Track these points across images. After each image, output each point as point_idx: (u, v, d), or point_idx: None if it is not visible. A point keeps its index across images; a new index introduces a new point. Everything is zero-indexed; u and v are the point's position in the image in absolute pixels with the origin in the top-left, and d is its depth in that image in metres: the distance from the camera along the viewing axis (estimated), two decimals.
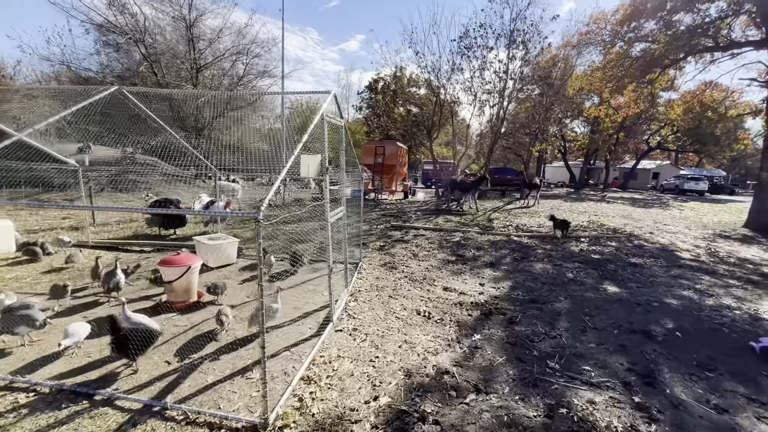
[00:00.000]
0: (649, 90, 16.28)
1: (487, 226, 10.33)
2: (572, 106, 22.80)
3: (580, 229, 10.46)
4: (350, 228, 8.30)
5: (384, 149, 18.16)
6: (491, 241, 8.20)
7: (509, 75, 14.68)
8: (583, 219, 12.69)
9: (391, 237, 8.27)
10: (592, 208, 16.36)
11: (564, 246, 8.05)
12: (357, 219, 7.08)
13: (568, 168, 40.10)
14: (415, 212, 13.00)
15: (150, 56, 15.96)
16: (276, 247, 7.02)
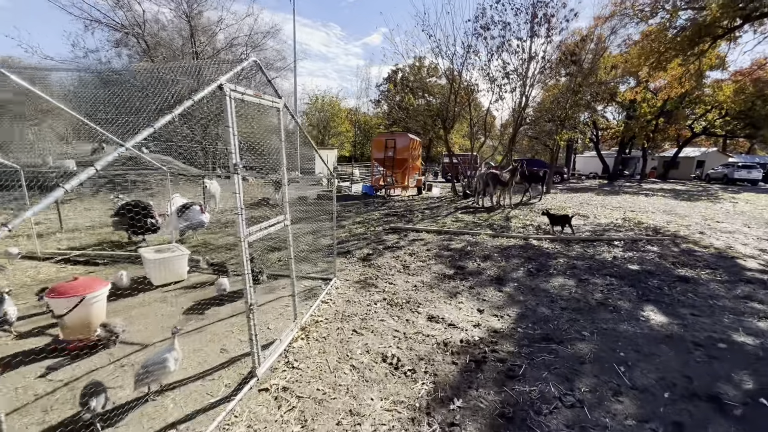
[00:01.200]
0: (696, 66, 14.17)
1: (502, 227, 8.99)
2: (604, 90, 20.67)
3: (613, 229, 8.94)
4: (324, 238, 7.24)
5: (395, 142, 16.95)
6: (503, 247, 6.91)
7: (531, 54, 13.06)
8: (616, 216, 11.07)
9: (383, 243, 7.15)
10: (627, 202, 14.55)
11: (590, 251, 6.66)
12: (334, 224, 5.98)
13: (600, 158, 37.41)
14: (425, 210, 11.79)
15: (149, 50, 15.46)
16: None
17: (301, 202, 13.22)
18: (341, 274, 5.30)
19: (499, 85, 14.77)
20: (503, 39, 13.19)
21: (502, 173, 12.57)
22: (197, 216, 6.65)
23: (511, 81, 14.11)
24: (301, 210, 10.78)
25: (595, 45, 15.95)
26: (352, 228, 8.54)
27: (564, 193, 18.71)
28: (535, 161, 31.21)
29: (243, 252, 2.67)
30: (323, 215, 10.30)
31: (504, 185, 12.59)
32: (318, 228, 8.52)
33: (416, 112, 27.04)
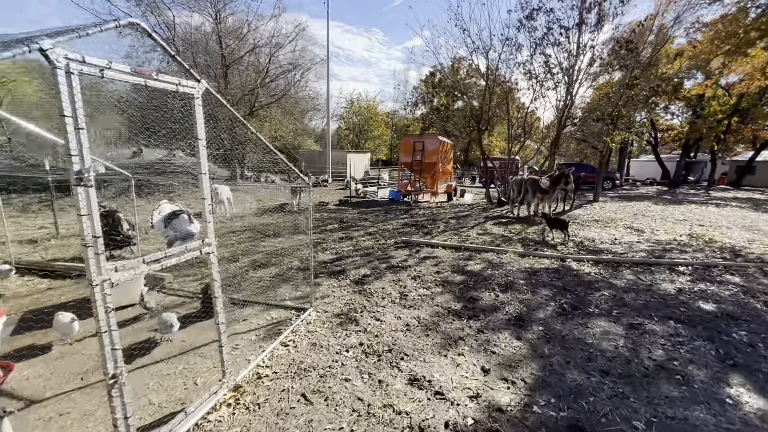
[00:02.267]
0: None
1: (535, 242, 7.66)
2: (666, 85, 18.21)
3: (676, 249, 7.31)
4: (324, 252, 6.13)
5: (423, 145, 15.88)
6: (532, 270, 5.65)
7: (578, 45, 11.45)
8: (680, 231, 9.27)
9: (388, 260, 6.15)
10: (694, 214, 12.42)
11: (645, 280, 5.23)
12: (310, 241, 5.11)
13: (659, 162, 33.83)
14: (450, 220, 10.63)
15: (179, 54, 15.58)
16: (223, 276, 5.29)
17: (295, 210, 12.55)
18: (323, 302, 4.38)
19: (541, 82, 13.23)
20: (547, 29, 11.70)
21: (541, 179, 11.10)
22: (184, 226, 6.03)
23: (554, 77, 12.56)
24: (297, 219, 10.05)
25: (655, 36, 13.92)
26: (360, 240, 7.62)
27: (615, 201, 16.61)
28: (582, 165, 28.69)
29: (96, 304, 1.81)
30: (335, 224, 9.48)
31: (544, 193, 11.10)
32: (322, 239, 7.70)
33: (452, 113, 25.79)
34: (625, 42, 11.13)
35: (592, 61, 11.80)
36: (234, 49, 16.60)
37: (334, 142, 55.54)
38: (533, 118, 22.71)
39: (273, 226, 8.94)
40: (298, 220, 9.82)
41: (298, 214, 11.30)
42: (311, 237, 4.11)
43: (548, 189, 10.78)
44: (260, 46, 16.50)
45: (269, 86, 17.76)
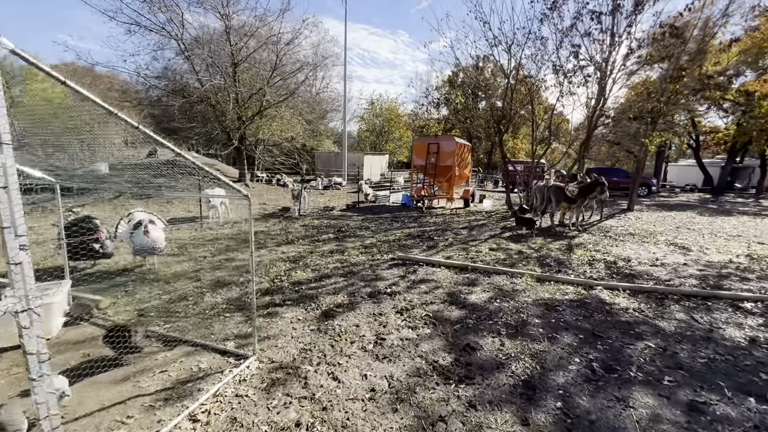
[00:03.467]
0: None
1: (558, 262, 6.46)
2: (713, 83, 16.28)
3: (734, 273, 5.95)
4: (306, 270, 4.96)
5: (438, 146, 14.76)
6: (552, 303, 4.51)
7: (613, 34, 10.06)
8: (736, 250, 7.80)
9: (375, 282, 5.14)
10: (748, 228, 10.75)
11: (701, 321, 3.99)
12: (252, 266, 4.21)
13: (701, 167, 31.18)
14: (462, 230, 9.50)
15: (187, 51, 15.19)
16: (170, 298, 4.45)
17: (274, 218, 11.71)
18: (274, 344, 3.43)
19: (569, 77, 11.88)
20: (576, 17, 10.38)
21: (568, 186, 9.81)
22: (138, 240, 5.25)
23: (584, 70, 11.20)
24: (276, 228, 9.22)
25: (700, 30, 12.24)
26: (352, 254, 6.66)
27: (653, 210, 14.92)
28: (614, 170, 26.65)
29: None
30: (330, 233, 8.57)
31: (570, 202, 9.81)
32: (309, 252, 6.78)
33: (472, 114, 24.48)
34: (669, 27, 9.67)
35: (630, 53, 10.34)
36: (242, 47, 16.06)
37: (355, 144, 55.06)
38: (561, 119, 21.13)
39: (262, 235, 8.12)
40: (292, 229, 8.98)
41: (298, 220, 10.48)
42: (253, 264, 3.17)
43: (575, 198, 9.48)
44: (267, 43, 15.85)
45: (278, 85, 17.12)
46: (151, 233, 5.21)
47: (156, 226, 5.50)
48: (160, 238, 5.38)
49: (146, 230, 5.19)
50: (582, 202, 9.66)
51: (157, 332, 3.50)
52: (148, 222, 5.30)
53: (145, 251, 5.37)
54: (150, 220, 5.54)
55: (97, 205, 11.22)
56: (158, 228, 5.52)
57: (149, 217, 5.77)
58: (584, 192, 9.48)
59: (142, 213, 5.99)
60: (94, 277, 5.02)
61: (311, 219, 10.68)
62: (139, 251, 5.40)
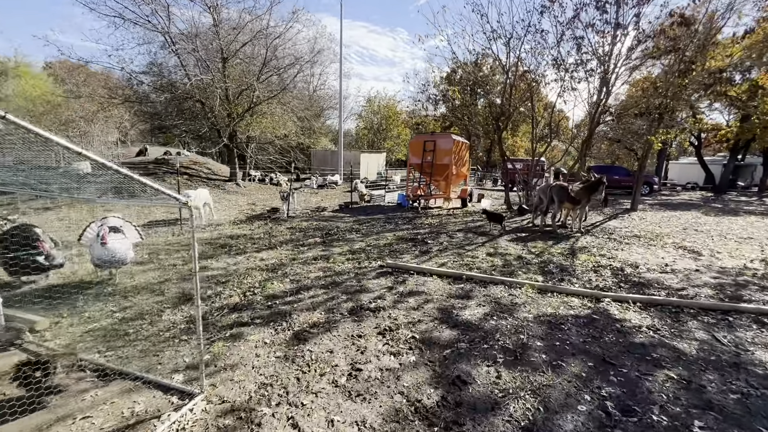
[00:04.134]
0: None
1: (561, 269, 5.96)
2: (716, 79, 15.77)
3: (752, 281, 5.46)
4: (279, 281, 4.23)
5: (435, 144, 14.22)
6: (555, 319, 4.00)
7: (617, 24, 9.54)
8: (749, 254, 7.32)
9: (359, 295, 4.62)
10: (758, 230, 10.26)
11: (725, 341, 3.49)
12: (196, 289, 3.68)
13: (703, 165, 30.77)
14: (458, 232, 8.99)
15: (174, 45, 14.61)
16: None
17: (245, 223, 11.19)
18: (229, 377, 2.90)
19: (570, 72, 11.37)
20: (580, 7, 9.84)
21: (572, 186, 9.30)
22: (97, 251, 4.67)
23: (586, 64, 10.68)
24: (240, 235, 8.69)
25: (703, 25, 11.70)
26: (338, 261, 6.14)
27: (656, 209, 14.41)
28: (615, 168, 26.17)
29: None
30: (317, 236, 8.05)
31: (574, 203, 9.31)
32: (291, 259, 6.26)
33: (470, 111, 23.96)
34: (679, 16, 9.15)
35: (637, 44, 9.81)
36: (232, 41, 15.48)
37: (353, 142, 54.51)
38: (561, 116, 20.62)
39: (243, 240, 7.59)
40: (276, 232, 8.45)
41: (285, 222, 9.96)
42: (197, 289, 2.64)
43: (579, 198, 8.98)
44: (258, 37, 15.26)
45: (269, 81, 16.55)
46: (110, 244, 4.65)
47: (119, 235, 4.91)
48: (121, 249, 4.79)
49: (103, 240, 4.63)
50: (586, 202, 9.17)
51: (93, 362, 2.99)
52: (107, 230, 4.74)
53: (105, 264, 4.80)
54: (114, 227, 4.98)
55: (34, 211, 10.62)
56: (122, 237, 4.94)
57: (116, 223, 5.20)
58: (588, 191, 8.99)
59: (118, 218, 5.39)
60: (42, 292, 4.49)
61: (300, 221, 10.16)
62: (99, 264, 4.83)
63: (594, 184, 8.90)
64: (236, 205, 13.24)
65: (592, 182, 8.97)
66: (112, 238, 4.73)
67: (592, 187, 8.92)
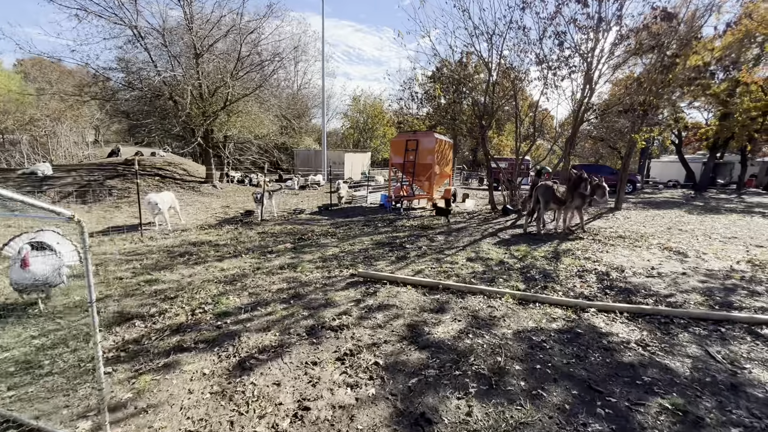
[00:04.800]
0: None
1: (545, 274, 5.61)
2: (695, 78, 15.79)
3: (740, 285, 5.22)
4: (180, 310, 3.60)
5: (417, 143, 13.83)
6: (537, 335, 3.62)
7: (600, 19, 9.29)
8: (734, 254, 7.13)
9: (321, 312, 4.16)
10: (740, 228, 10.18)
11: (719, 356, 3.17)
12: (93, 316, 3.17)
13: (683, 163, 31.21)
14: (438, 235, 8.61)
15: (143, 39, 13.85)
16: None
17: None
18: (148, 421, 2.41)
19: (554, 69, 11.10)
20: (561, 1, 9.56)
21: (557, 186, 9.01)
22: (16, 274, 3.97)
23: (569, 61, 10.43)
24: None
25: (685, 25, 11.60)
26: (306, 270, 5.67)
27: (640, 208, 14.33)
28: (598, 167, 26.26)
29: None
30: (289, 241, 7.56)
31: (560, 203, 9.04)
32: (256, 267, 5.75)
33: (455, 109, 23.68)
34: (662, 11, 8.95)
35: (620, 39, 9.58)
36: (205, 36, 14.79)
37: (339, 142, 53.88)
38: (545, 114, 20.48)
39: (206, 247, 7.05)
40: (245, 238, 7.91)
41: (258, 226, 9.42)
42: (94, 315, 2.14)
43: (565, 198, 8.70)
44: (231, 32, 14.59)
45: (245, 78, 15.89)
46: (32, 266, 3.95)
47: (47, 254, 4.15)
48: (47, 271, 4.03)
49: (24, 262, 3.93)
50: (572, 201, 8.86)
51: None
52: (29, 249, 4.04)
53: (26, 289, 4.08)
54: (40, 244, 4.23)
55: None
56: (51, 256, 4.18)
57: (50, 239, 4.44)
58: (572, 189, 8.71)
59: (55, 233, 4.68)
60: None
61: (273, 224, 9.64)
62: (18, 289, 4.08)
63: (576, 181, 8.62)
64: (209, 208, 12.62)
65: (574, 179, 8.69)
66: (37, 259, 4.02)
67: (575, 185, 8.65)
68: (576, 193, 8.62)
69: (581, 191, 8.53)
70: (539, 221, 9.04)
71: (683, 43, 10.02)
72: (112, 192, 12.42)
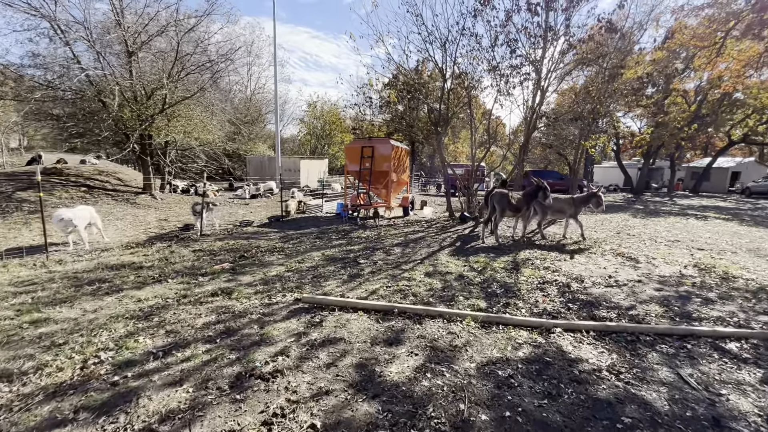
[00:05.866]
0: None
1: (506, 289, 5.27)
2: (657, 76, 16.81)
3: (693, 291, 5.19)
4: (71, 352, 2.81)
5: (373, 150, 13.36)
6: (502, 368, 3.19)
7: (547, 27, 9.43)
8: (682, 259, 7.31)
9: (254, 353, 3.47)
10: (680, 230, 10.69)
11: (694, 381, 2.91)
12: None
13: (622, 168, 33.48)
14: (395, 246, 8.13)
15: (63, 34, 12.27)
16: None
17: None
18: None
19: (504, 76, 11.15)
20: (512, 9, 9.57)
21: (512, 194, 8.87)
22: None
23: (521, 68, 10.49)
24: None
25: (622, 37, 12.23)
26: (243, 296, 4.91)
27: (588, 212, 14.84)
28: (548, 173, 27.36)
29: None
30: (229, 260, 6.70)
31: (516, 211, 8.91)
32: (182, 295, 4.90)
33: (411, 116, 23.64)
34: (606, 22, 9.23)
35: (569, 48, 9.77)
36: (139, 32, 13.43)
37: (297, 148, 52.36)
38: (498, 122, 20.94)
39: (125, 271, 6.04)
40: (177, 257, 6.94)
41: (196, 242, 8.42)
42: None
43: (520, 206, 8.57)
44: (168, 29, 13.35)
45: (186, 80, 14.63)
46: None
47: None
48: None
49: None
50: (528, 209, 8.75)
51: None
52: None
53: None
54: None
55: None
56: None
57: None
58: (529, 198, 8.61)
59: None
60: None
61: (214, 240, 8.67)
62: None
63: (534, 189, 8.53)
64: (143, 222, 11.29)
65: (533, 187, 8.60)
66: None
67: (533, 193, 8.55)
68: (535, 202, 8.52)
69: (539, 200, 8.43)
70: (496, 229, 8.85)
71: (624, 54, 10.43)
72: (22, 206, 10.73)
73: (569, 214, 8.97)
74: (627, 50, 10.44)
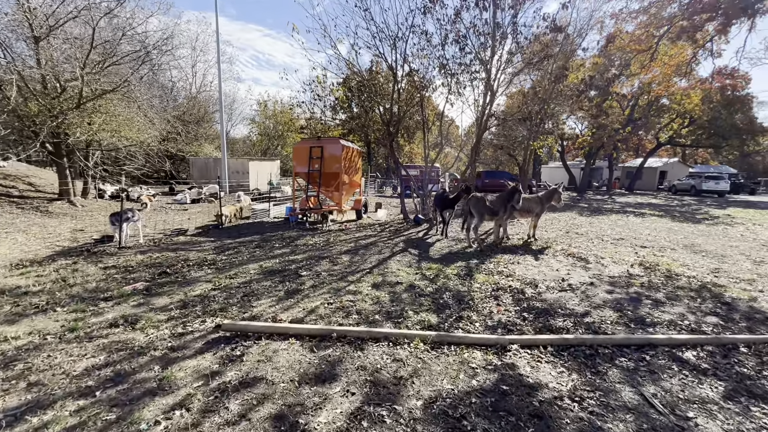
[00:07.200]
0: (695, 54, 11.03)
1: (459, 298, 4.85)
2: (599, 79, 17.51)
3: (642, 291, 5.10)
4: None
5: (322, 150, 12.63)
6: (450, 403, 2.71)
7: (495, 26, 9.32)
8: (628, 257, 7.39)
9: (145, 408, 2.72)
10: (623, 229, 11.07)
11: (663, 409, 2.62)
12: None
13: (566, 169, 35.23)
14: (344, 253, 7.51)
15: None
16: None
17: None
18: None
19: (454, 75, 10.95)
20: (461, 6, 9.35)
21: (487, 198, 8.52)
22: None
23: (470, 67, 10.32)
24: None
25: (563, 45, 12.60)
26: (150, 325, 4.05)
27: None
28: (499, 173, 28.07)
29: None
30: (148, 277, 5.73)
31: (494, 215, 8.58)
32: (70, 327, 3.96)
33: (367, 117, 23.13)
34: (551, 22, 9.28)
35: (516, 49, 9.74)
36: (48, 15, 11.69)
37: (248, 149, 49.90)
38: (451, 123, 21.01)
39: (6, 297, 4.90)
40: (79, 277, 5.83)
41: (112, 257, 7.24)
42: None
43: (497, 209, 8.24)
44: (81, 15, 11.71)
45: (110, 72, 13.00)
46: None
47: None
48: None
49: None
50: (504, 212, 8.39)
51: None
52: None
53: None
54: None
55: None
56: None
57: None
58: (505, 200, 8.23)
59: None
60: None
61: (135, 252, 7.53)
62: None
63: (510, 192, 8.21)
64: (52, 234, 9.72)
65: (509, 190, 8.28)
66: None
67: (509, 196, 8.21)
68: (509, 206, 8.21)
69: (513, 204, 8.13)
70: (476, 234, 8.48)
71: (567, 55, 10.63)
72: None
73: (536, 212, 8.88)
74: (571, 51, 10.67)
